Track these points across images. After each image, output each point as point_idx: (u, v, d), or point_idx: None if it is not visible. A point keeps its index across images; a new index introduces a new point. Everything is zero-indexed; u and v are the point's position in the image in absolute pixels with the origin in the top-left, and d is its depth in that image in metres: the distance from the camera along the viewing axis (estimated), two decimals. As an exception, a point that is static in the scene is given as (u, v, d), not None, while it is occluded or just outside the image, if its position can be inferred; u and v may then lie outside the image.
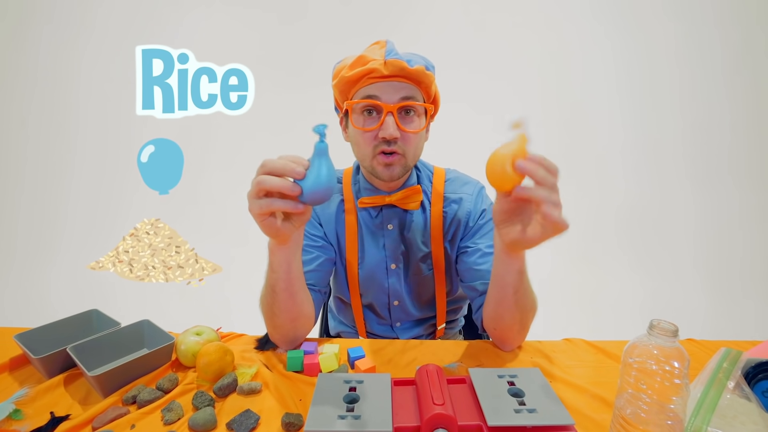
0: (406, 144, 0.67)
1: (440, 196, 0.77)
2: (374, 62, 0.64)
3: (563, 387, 0.61)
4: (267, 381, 0.61)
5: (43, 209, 2.68)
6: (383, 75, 0.64)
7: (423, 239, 0.77)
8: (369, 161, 0.69)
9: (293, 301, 0.64)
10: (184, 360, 0.64)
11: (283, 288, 0.62)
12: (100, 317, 0.72)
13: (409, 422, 0.41)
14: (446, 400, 0.41)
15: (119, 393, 0.57)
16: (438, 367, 0.47)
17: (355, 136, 0.70)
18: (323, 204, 0.72)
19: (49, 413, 0.53)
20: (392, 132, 0.65)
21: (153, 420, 0.53)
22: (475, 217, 0.76)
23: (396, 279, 0.79)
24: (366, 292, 0.81)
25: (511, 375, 0.47)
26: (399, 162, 0.68)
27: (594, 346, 0.73)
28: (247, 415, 0.52)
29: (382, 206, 0.76)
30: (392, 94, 0.65)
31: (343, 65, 0.68)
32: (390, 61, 0.63)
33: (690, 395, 0.49)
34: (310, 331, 0.71)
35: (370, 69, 0.64)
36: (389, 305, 0.81)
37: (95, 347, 0.62)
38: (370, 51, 0.67)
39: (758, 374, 0.53)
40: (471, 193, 0.77)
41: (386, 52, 0.65)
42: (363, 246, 0.78)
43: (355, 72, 0.64)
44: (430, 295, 0.81)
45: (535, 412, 0.40)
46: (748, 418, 0.45)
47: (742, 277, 2.25)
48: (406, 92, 0.66)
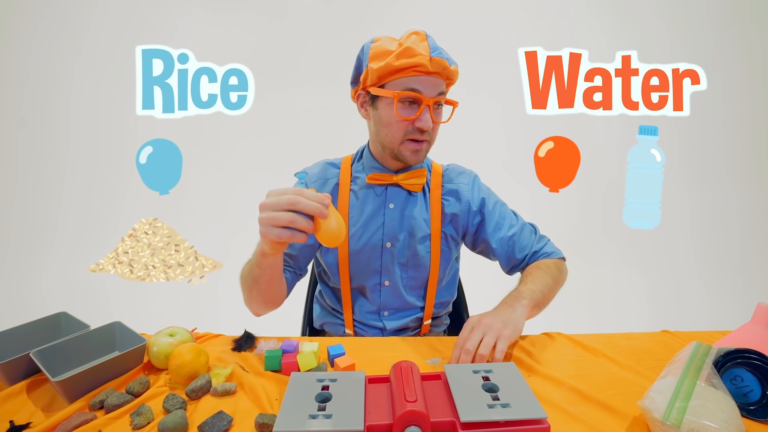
0: (433, 132, 0.76)
1: (439, 186, 0.83)
2: (421, 57, 0.68)
3: (541, 380, 0.61)
4: (242, 382, 0.59)
5: (38, 209, 2.62)
6: (428, 71, 0.69)
7: (425, 221, 0.82)
8: (397, 145, 0.75)
9: (271, 291, 0.75)
10: (156, 362, 0.62)
11: (265, 281, 0.71)
12: (69, 320, 0.69)
13: (381, 420, 0.40)
14: (419, 397, 0.40)
15: (86, 398, 0.55)
16: (413, 363, 0.46)
17: (387, 120, 0.73)
18: (319, 187, 0.82)
19: (8, 422, 0.50)
20: (429, 124, 0.72)
21: (121, 425, 0.51)
22: (476, 204, 0.84)
23: (389, 258, 0.81)
24: (357, 274, 0.82)
25: (486, 370, 0.46)
26: (425, 148, 0.76)
27: (573, 340, 0.74)
28: (220, 417, 0.51)
29: (388, 185, 0.81)
30: (432, 89, 0.71)
31: (385, 50, 0.70)
32: (435, 59, 0.69)
33: (662, 385, 0.50)
34: (280, 304, 0.80)
35: (417, 63, 0.68)
36: (380, 286, 0.83)
37: (62, 352, 0.60)
38: (414, 44, 0.69)
39: (727, 362, 0.54)
40: (467, 183, 0.85)
41: (431, 48, 0.69)
42: (358, 226, 0.81)
43: (401, 63, 0.68)
44: (423, 279, 0.83)
45: (508, 407, 0.40)
46: (716, 406, 0.45)
47: (741, 273, 2.30)
48: (441, 88, 0.73)
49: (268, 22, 2.57)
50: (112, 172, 2.67)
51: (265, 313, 0.80)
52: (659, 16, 2.50)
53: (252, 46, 2.57)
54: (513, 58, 2.58)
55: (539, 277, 0.77)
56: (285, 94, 2.60)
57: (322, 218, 0.52)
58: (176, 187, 2.67)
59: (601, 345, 0.71)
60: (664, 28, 2.49)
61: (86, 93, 2.59)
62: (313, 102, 2.59)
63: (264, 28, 2.57)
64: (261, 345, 0.70)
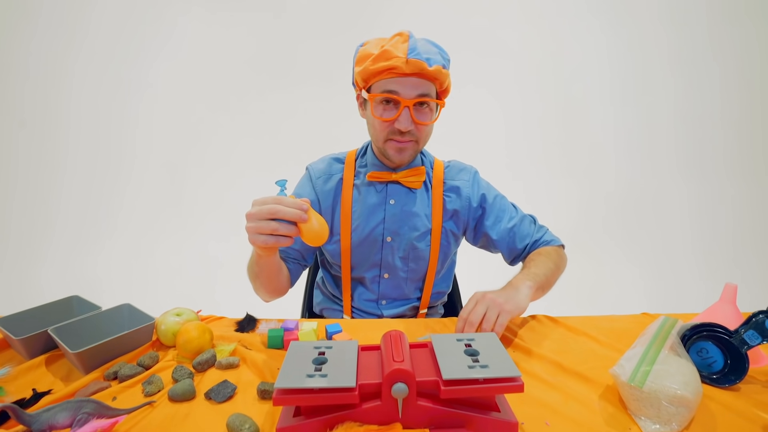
0: (420, 132, 0.76)
1: (440, 182, 0.86)
2: (397, 59, 0.69)
3: (522, 355, 0.66)
4: (245, 356, 0.64)
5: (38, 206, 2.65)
6: (404, 72, 0.70)
7: (427, 216, 0.85)
8: (382, 144, 0.78)
9: (272, 284, 0.79)
10: (164, 339, 0.66)
11: (264, 276, 0.76)
12: (81, 303, 0.74)
13: (372, 379, 0.44)
14: (406, 358, 0.45)
15: (100, 370, 0.59)
16: (402, 333, 0.50)
17: (372, 121, 0.77)
18: (324, 182, 0.86)
19: (31, 390, 0.55)
20: (406, 125, 0.73)
21: (134, 393, 0.55)
22: (476, 200, 0.86)
23: (390, 252, 0.85)
24: (357, 265, 0.86)
25: (469, 339, 0.51)
26: (412, 147, 0.77)
27: (556, 321, 0.78)
28: (225, 385, 0.55)
29: (388, 182, 0.83)
30: (410, 90, 0.71)
31: (367, 53, 0.72)
32: (411, 61, 0.69)
33: (631, 354, 0.54)
34: (285, 293, 0.86)
35: (392, 66, 0.69)
36: (380, 278, 0.87)
37: (76, 330, 0.64)
38: (394, 46, 0.70)
39: (693, 335, 0.59)
40: (467, 179, 0.87)
41: (409, 49, 0.69)
42: (360, 220, 0.84)
43: (378, 66, 0.70)
44: (422, 272, 0.87)
45: (486, 368, 0.44)
46: (677, 371, 0.50)
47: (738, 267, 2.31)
48: (423, 89, 0.72)
49: (267, 22, 2.60)
50: (111, 169, 2.70)
51: (271, 300, 0.85)
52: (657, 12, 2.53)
53: (251, 46, 2.60)
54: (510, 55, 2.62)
55: (541, 262, 0.80)
56: (284, 93, 2.63)
57: (302, 222, 0.56)
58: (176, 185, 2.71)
59: (583, 325, 0.75)
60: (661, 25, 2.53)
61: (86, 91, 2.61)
62: (311, 101, 2.62)
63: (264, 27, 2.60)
64: (262, 326, 0.74)
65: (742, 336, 0.56)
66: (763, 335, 0.55)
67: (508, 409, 0.46)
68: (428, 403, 0.44)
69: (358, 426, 0.43)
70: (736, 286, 0.65)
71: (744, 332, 0.56)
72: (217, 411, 0.52)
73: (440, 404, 0.44)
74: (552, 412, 0.52)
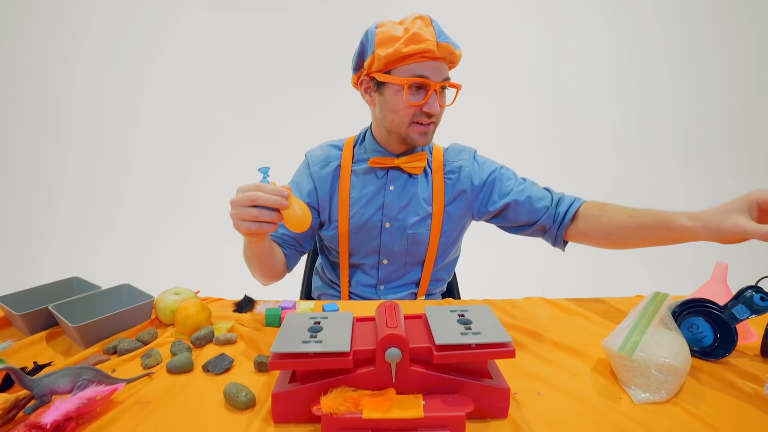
0: (439, 115, 0.78)
1: (440, 165, 0.86)
2: (429, 43, 0.70)
3: (516, 333, 0.67)
4: (242, 334, 0.64)
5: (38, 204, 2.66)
6: (435, 56, 0.71)
7: (426, 201, 0.85)
8: (405, 128, 0.77)
9: (265, 268, 0.79)
10: (163, 317, 0.67)
11: (257, 261, 0.77)
12: (81, 283, 0.75)
13: (366, 346, 0.45)
14: (400, 325, 0.46)
15: (100, 345, 0.60)
16: (397, 303, 0.51)
17: (394, 105, 0.76)
18: (321, 168, 0.86)
19: (32, 363, 0.56)
20: (435, 108, 0.74)
21: (133, 366, 0.56)
22: (479, 179, 0.85)
23: (389, 237, 0.85)
24: (356, 251, 0.87)
25: (462, 309, 0.52)
26: (433, 130, 0.79)
27: (551, 302, 0.79)
28: (222, 358, 0.56)
29: (389, 168, 0.84)
30: (438, 74, 0.73)
31: (392, 35, 0.71)
32: (442, 45, 0.70)
33: (622, 326, 0.55)
34: (281, 277, 0.86)
35: (425, 49, 0.70)
36: (378, 264, 0.87)
37: (76, 307, 0.65)
38: (421, 29, 0.70)
39: (684, 311, 0.60)
40: (467, 159, 0.87)
41: (437, 33, 0.71)
42: (358, 206, 0.85)
43: (411, 49, 0.70)
44: (422, 256, 0.87)
45: (478, 334, 0.45)
46: (667, 341, 0.51)
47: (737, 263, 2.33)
48: (447, 73, 0.75)
49: (268, 21, 2.62)
50: (111, 167, 2.71)
51: (268, 284, 0.85)
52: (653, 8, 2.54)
53: (252, 45, 2.62)
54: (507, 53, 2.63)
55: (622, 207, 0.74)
56: (284, 92, 2.65)
57: (283, 209, 0.57)
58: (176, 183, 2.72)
59: (578, 306, 0.76)
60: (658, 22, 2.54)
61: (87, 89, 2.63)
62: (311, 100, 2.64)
63: (264, 27, 2.62)
64: (260, 306, 0.75)
65: (731, 311, 0.57)
66: (751, 309, 0.56)
67: (501, 376, 0.47)
68: (421, 369, 0.45)
69: (352, 391, 0.44)
70: (727, 265, 0.66)
71: (733, 307, 0.57)
72: (215, 382, 0.53)
73: (433, 370, 0.45)
74: (544, 383, 0.53)
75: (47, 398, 0.44)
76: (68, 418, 0.42)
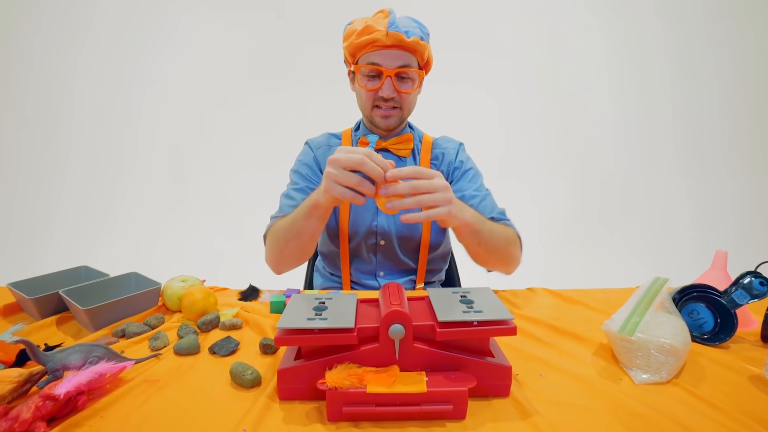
0: (403, 101, 0.82)
1: (428, 151, 0.91)
2: (378, 33, 0.75)
3: (519, 320, 0.67)
4: (248, 319, 0.65)
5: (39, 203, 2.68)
6: (385, 45, 0.76)
7: None
8: (369, 112, 0.84)
9: (312, 242, 0.74)
10: (170, 304, 0.68)
11: (309, 234, 0.71)
12: (90, 271, 0.76)
13: (370, 324, 0.46)
14: (403, 303, 0.47)
15: (108, 329, 0.61)
16: (400, 285, 0.52)
17: (359, 91, 0.84)
18: (323, 151, 0.90)
19: (43, 344, 0.57)
20: (389, 93, 0.79)
21: (141, 348, 0.57)
22: (454, 164, 0.90)
23: (384, 219, 0.88)
24: (354, 235, 0.88)
25: (464, 291, 0.52)
26: (396, 114, 0.83)
27: (553, 292, 0.80)
28: (228, 341, 0.57)
29: (378, 150, 0.87)
30: (391, 61, 0.78)
31: (353, 30, 0.79)
32: (391, 33, 0.75)
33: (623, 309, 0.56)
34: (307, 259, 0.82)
35: (373, 39, 0.76)
36: (376, 246, 0.89)
37: (85, 293, 0.66)
38: (376, 21, 0.77)
39: (684, 297, 0.60)
40: (453, 148, 0.92)
41: (389, 23, 0.75)
42: None
43: (361, 40, 0.77)
44: (416, 240, 0.90)
45: (480, 312, 0.46)
46: (666, 323, 0.51)
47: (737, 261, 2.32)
48: (404, 60, 0.78)
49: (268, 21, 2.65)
50: (113, 165, 2.73)
51: (289, 269, 0.80)
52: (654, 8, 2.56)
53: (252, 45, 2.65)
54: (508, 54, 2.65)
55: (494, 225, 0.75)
56: (283, 93, 2.67)
57: (381, 183, 0.52)
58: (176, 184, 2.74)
59: (579, 296, 0.77)
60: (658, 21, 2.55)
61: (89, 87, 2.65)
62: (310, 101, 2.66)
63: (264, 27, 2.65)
64: (265, 295, 0.76)
65: (731, 296, 0.58)
66: (750, 294, 0.57)
67: (502, 355, 0.48)
68: (424, 346, 0.46)
69: (356, 367, 0.45)
70: (726, 253, 0.67)
71: (733, 292, 0.58)
72: (221, 363, 0.54)
73: (436, 347, 0.46)
74: (546, 365, 0.53)
75: (59, 373, 0.45)
76: (80, 391, 0.43)
